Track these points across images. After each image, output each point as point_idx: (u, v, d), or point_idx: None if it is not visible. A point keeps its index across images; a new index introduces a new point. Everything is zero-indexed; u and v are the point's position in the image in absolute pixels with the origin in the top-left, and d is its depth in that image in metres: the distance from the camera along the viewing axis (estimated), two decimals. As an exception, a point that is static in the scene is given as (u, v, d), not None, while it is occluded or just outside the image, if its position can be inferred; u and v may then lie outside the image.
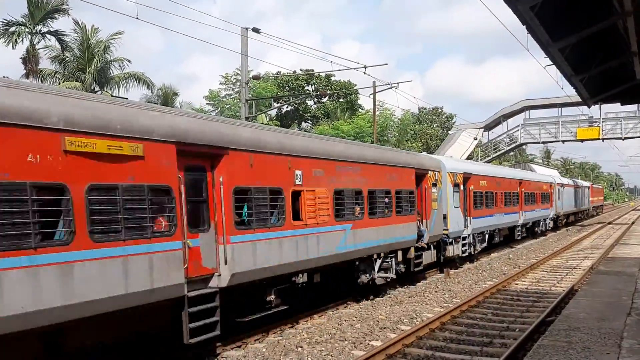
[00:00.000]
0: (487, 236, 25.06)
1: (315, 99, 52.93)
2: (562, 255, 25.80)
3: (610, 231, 41.09)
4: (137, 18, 15.30)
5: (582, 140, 45.76)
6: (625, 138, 43.91)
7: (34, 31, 32.88)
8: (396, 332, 11.81)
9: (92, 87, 33.10)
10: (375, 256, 15.23)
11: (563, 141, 46.83)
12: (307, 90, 50.97)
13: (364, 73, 24.40)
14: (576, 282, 17.01)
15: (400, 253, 16.54)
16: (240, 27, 22.46)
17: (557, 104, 45.71)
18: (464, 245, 22.00)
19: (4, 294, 6.51)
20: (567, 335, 9.00)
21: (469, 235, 22.49)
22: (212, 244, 9.76)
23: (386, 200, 15.69)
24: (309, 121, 54.25)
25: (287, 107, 52.14)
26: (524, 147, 61.72)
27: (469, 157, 46.00)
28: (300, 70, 47.86)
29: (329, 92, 47.98)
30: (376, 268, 15.35)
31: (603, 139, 44.95)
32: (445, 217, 19.96)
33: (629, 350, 8.06)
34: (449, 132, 57.08)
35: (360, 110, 53.87)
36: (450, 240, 20.56)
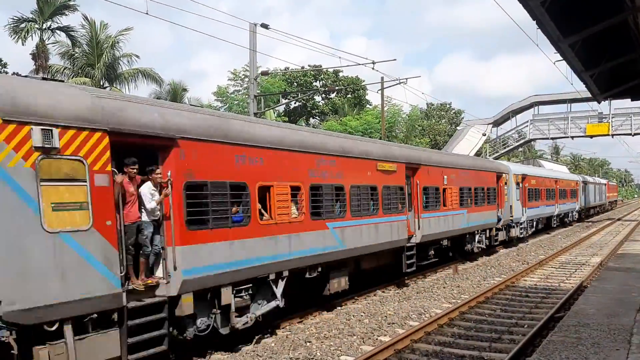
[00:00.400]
0: (534, 223, 32.45)
1: (323, 95, 52.87)
2: (571, 251, 25.69)
3: (619, 227, 40.86)
4: (146, 13, 15.35)
5: (591, 136, 45.45)
6: (635, 134, 43.54)
7: (44, 27, 33.04)
8: (404, 327, 11.85)
9: (101, 83, 33.24)
10: (475, 232, 22.42)
11: (572, 137, 46.52)
12: (315, 86, 50.94)
13: (372, 69, 24.40)
14: (585, 279, 16.95)
15: (487, 231, 23.81)
16: (249, 23, 22.47)
17: (567, 100, 45.42)
18: (521, 229, 29.16)
19: (360, 236, 14.13)
20: (576, 331, 9.00)
21: (524, 221, 29.57)
22: (412, 218, 17.25)
23: (482, 194, 22.80)
24: (317, 117, 54.21)
25: (295, 103, 52.11)
26: (532, 142, 61.39)
27: (477, 153, 45.81)
28: (309, 66, 47.80)
29: (337, 87, 47.88)
30: (476, 240, 22.54)
31: (612, 135, 44.60)
32: (511, 207, 26.98)
33: (639, 347, 8.05)
34: (458, 128, 56.86)
35: (368, 106, 53.77)
36: (513, 224, 27.71)
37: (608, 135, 44.27)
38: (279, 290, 11.18)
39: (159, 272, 8.94)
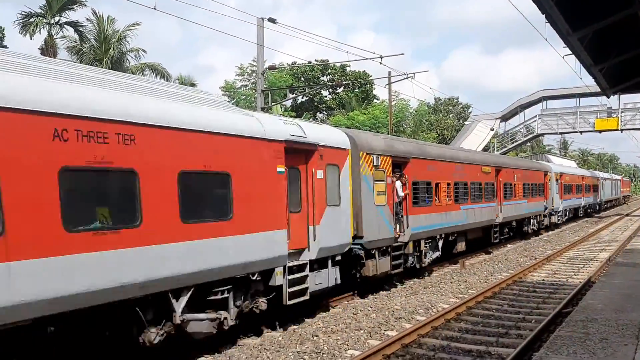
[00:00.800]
0: (567, 212, 39.07)
1: (331, 90, 52.76)
2: (579, 246, 25.59)
3: (628, 223, 40.67)
4: (154, 8, 15.36)
5: (600, 131, 45.13)
6: (645, 129, 43.21)
7: (52, 22, 33.15)
8: (411, 322, 11.84)
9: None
10: (531, 217, 29.59)
11: (581, 132, 46.23)
12: (322, 80, 50.84)
13: (380, 63, 24.37)
14: (593, 274, 16.87)
15: (537, 217, 30.87)
16: (257, 18, 22.46)
17: (575, 94, 45.08)
18: (558, 217, 35.90)
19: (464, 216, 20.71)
20: (584, 327, 8.98)
21: (560, 210, 36.35)
22: (496, 205, 23.82)
23: (535, 188, 29.98)
24: (324, 112, 54.13)
25: (302, 98, 52.06)
26: (540, 137, 61.04)
27: (485, 149, 45.64)
28: (316, 60, 47.73)
29: (344, 82, 47.73)
30: (530, 224, 29.66)
31: (622, 130, 44.29)
32: (552, 199, 33.69)
33: (646, 342, 8.02)
34: (465, 122, 56.63)
35: (375, 100, 53.61)
36: (553, 213, 34.42)
37: (617, 130, 43.96)
38: (440, 245, 18.20)
39: (397, 229, 15.62)
